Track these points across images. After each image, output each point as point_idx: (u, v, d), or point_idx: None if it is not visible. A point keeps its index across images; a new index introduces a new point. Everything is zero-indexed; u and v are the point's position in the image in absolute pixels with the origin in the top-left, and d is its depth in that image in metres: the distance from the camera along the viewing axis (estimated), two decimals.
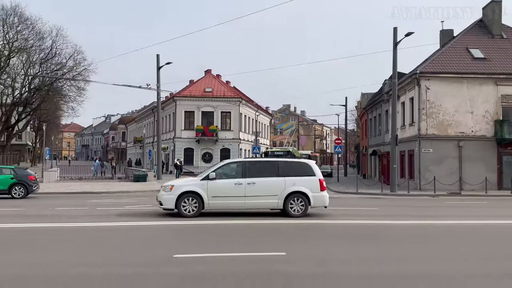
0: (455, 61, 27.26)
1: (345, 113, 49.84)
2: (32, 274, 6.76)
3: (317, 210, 16.24)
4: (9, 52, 41.98)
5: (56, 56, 46.64)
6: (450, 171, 25.74)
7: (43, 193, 22.20)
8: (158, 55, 33.92)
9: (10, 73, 46.15)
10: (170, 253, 8.21)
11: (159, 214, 14.13)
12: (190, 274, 6.84)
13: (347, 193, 25.06)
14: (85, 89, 54.67)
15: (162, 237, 9.98)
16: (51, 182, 28.93)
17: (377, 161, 38.69)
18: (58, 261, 7.52)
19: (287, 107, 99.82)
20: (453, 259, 8.06)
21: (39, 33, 44.64)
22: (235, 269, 7.12)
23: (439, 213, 15.72)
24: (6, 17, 41.32)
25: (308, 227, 11.71)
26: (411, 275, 6.92)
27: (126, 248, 8.71)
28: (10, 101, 49.55)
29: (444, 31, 32.40)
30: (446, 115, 26.13)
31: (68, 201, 18.49)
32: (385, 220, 13.54)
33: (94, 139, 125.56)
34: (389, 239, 10.06)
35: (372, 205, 18.08)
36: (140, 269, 7.08)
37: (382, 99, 35.72)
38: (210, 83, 47.73)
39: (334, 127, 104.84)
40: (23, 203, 17.70)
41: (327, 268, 7.29)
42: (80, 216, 13.55)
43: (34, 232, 10.65)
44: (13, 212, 14.66)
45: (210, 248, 8.72)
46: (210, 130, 43.14)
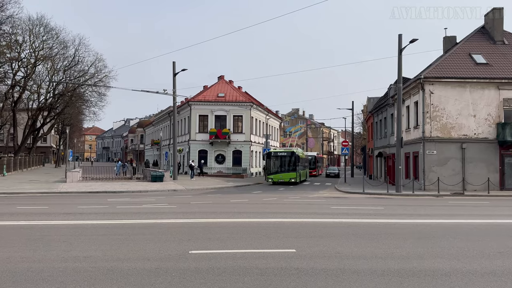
0: (458, 66, 27.01)
1: (351, 116, 49.66)
2: (79, 267, 6.91)
3: (324, 208, 16.22)
4: (35, 60, 42.63)
5: (78, 63, 47.43)
6: (453, 172, 25.49)
7: (67, 192, 22.50)
8: (174, 62, 34.17)
9: (36, 80, 46.93)
10: (186, 249, 8.28)
11: (175, 213, 14.23)
12: (205, 269, 6.88)
13: (354, 193, 24.93)
14: (106, 95, 55.73)
15: (178, 234, 10.05)
16: (74, 182, 29.28)
17: (382, 163, 38.42)
18: (93, 256, 7.68)
19: (296, 111, 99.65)
20: (458, 256, 7.98)
21: (63, 42, 45.43)
22: (248, 265, 7.14)
23: (443, 212, 15.56)
24: (32, 27, 42.02)
25: (315, 225, 11.67)
26: (418, 271, 6.88)
27: (146, 244, 8.79)
28: (36, 106, 50.36)
29: (447, 38, 32.17)
30: (450, 118, 25.90)
31: (90, 200, 18.70)
32: (391, 218, 13.45)
33: (114, 141, 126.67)
34: (395, 237, 9.99)
35: (378, 205, 17.96)
36: (160, 264, 7.17)
37: (388, 103, 35.49)
38: (223, 88, 47.88)
39: (341, 130, 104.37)
40: (47, 201, 17.94)
41: (338, 264, 7.28)
42: (102, 214, 13.70)
43: (63, 229, 10.78)
44: (39, 210, 14.86)
45: (223, 245, 8.76)
46: (223, 133, 43.26)
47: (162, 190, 24.90)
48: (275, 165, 33.48)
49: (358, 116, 68.43)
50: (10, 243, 8.90)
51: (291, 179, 32.53)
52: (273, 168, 33.38)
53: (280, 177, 32.75)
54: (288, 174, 32.73)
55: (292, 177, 32.60)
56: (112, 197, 20.31)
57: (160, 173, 32.01)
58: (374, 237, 9.84)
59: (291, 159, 33.26)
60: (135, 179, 34.32)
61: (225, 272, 6.71)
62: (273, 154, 33.89)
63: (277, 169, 33.28)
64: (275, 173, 33.12)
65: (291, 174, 32.73)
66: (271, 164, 33.53)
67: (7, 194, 21.56)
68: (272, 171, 33.36)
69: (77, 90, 48.81)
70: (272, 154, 33.84)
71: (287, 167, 33.11)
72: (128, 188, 25.04)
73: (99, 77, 48.24)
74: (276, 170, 33.22)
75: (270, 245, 8.78)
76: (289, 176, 32.61)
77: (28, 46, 42.13)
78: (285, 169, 33.12)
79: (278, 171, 33.18)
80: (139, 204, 17.12)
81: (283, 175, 32.80)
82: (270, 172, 33.56)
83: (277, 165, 33.47)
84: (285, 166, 33.24)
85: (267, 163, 34.41)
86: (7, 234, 9.99)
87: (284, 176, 32.68)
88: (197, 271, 6.73)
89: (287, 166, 33.16)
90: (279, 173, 33.03)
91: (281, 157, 33.70)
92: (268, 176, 33.72)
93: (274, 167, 33.41)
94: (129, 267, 6.95)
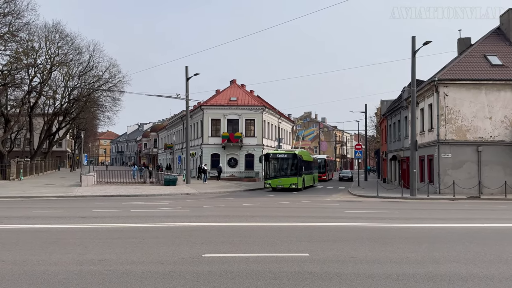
0: (473, 68, 26.65)
1: (365, 119, 49.29)
2: (94, 270, 7.00)
3: (337, 212, 16.11)
4: (50, 66, 43.36)
5: (93, 69, 48.10)
6: (469, 175, 25.10)
7: (82, 196, 22.77)
8: (187, 67, 34.46)
9: (52, 85, 47.73)
10: (200, 252, 8.30)
11: (188, 216, 14.29)
12: (218, 272, 6.89)
13: (367, 197, 24.71)
14: (120, 100, 56.22)
15: (192, 237, 10.08)
16: (88, 186, 29.63)
17: (397, 166, 38.04)
18: (107, 259, 7.76)
19: (308, 114, 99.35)
20: (474, 261, 7.84)
21: (78, 48, 46.17)
22: (261, 269, 7.13)
23: (459, 216, 15.32)
24: (48, 34, 42.78)
25: (329, 229, 11.60)
26: (434, 275, 6.78)
27: (159, 247, 8.84)
28: (52, 111, 51.22)
29: (461, 40, 31.79)
30: (465, 121, 25.54)
31: (104, 203, 18.90)
32: (406, 223, 13.29)
33: (128, 145, 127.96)
34: (410, 241, 9.86)
35: (392, 208, 17.78)
36: (174, 267, 7.20)
37: (401, 106, 35.17)
38: (235, 92, 48.04)
39: (354, 133, 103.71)
40: (62, 205, 18.18)
41: (352, 268, 7.22)
42: (116, 218, 13.82)
43: (78, 232, 10.91)
44: (55, 214, 15.07)
45: (236, 249, 8.76)
46: (235, 137, 43.35)
47: (175, 193, 25.03)
48: (274, 168, 29.61)
49: (372, 119, 67.92)
50: (26, 246, 9.04)
51: (291, 185, 28.54)
52: (271, 172, 29.50)
53: (279, 182, 28.86)
54: (288, 179, 28.76)
55: (292, 182, 28.61)
56: (126, 201, 20.49)
57: (173, 177, 32.21)
58: (388, 242, 9.74)
59: (292, 162, 29.26)
60: (149, 183, 34.60)
61: (239, 275, 6.71)
62: (271, 155, 29.92)
63: (276, 173, 29.43)
64: (274, 177, 29.17)
65: (291, 179, 28.73)
66: (270, 168, 29.68)
67: (23, 197, 21.94)
68: (270, 176, 29.44)
69: (91, 95, 49.49)
70: (271, 156, 29.87)
71: (288, 171, 29.24)
72: (142, 192, 25.24)
73: (113, 82, 48.90)
74: (275, 175, 29.34)
75: (283, 249, 8.75)
76: (289, 182, 28.67)
77: (44, 52, 42.91)
78: (285, 173, 29.24)
79: (277, 175, 29.26)
80: (152, 207, 17.24)
81: (283, 180, 28.85)
82: (268, 176, 29.63)
83: (276, 169, 29.61)
84: (285, 170, 29.37)
85: (265, 166, 30.33)
86: (23, 237, 10.15)
87: (284, 182, 28.76)
88: (211, 275, 6.74)
89: (288, 170, 29.29)
90: (278, 177, 29.07)
91: (280, 159, 29.71)
92: (266, 181, 29.61)
93: (273, 171, 29.55)
94: (143, 270, 7.00)
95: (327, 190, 31.21)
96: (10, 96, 45.58)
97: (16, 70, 40.52)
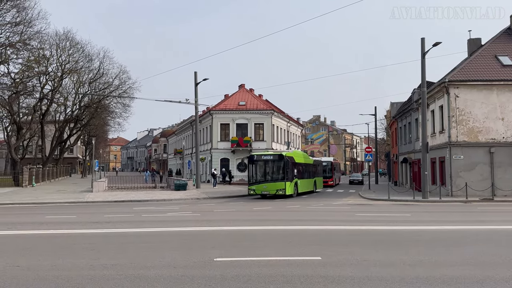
0: (484, 69, 26.37)
1: (374, 122, 49.04)
2: (107, 275, 7.02)
3: (349, 216, 16.00)
4: (61, 74, 43.91)
5: (103, 76, 48.62)
6: (481, 177, 24.77)
7: (93, 202, 22.94)
8: (195, 72, 34.60)
9: (63, 93, 48.32)
10: (211, 256, 8.30)
11: (199, 221, 14.30)
12: (230, 276, 6.87)
13: (379, 200, 24.51)
14: (130, 106, 56.67)
15: (203, 241, 10.08)
16: (100, 192, 29.84)
17: (408, 169, 37.71)
18: (120, 264, 7.80)
19: (317, 118, 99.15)
20: (490, 263, 7.72)
21: (88, 55, 46.73)
22: (273, 273, 7.09)
23: (472, 219, 15.11)
24: (59, 42, 43.37)
25: (340, 233, 11.52)
26: (449, 278, 6.68)
27: (171, 252, 8.86)
28: (63, 118, 51.84)
29: (471, 40, 31.47)
30: (476, 122, 25.25)
31: (116, 209, 19.00)
32: (418, 225, 13.14)
33: (138, 151, 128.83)
34: (423, 244, 9.74)
35: (404, 211, 17.60)
36: (186, 271, 7.20)
37: (412, 108, 34.91)
38: (244, 96, 48.16)
39: (364, 136, 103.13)
40: (74, 211, 18.33)
41: (365, 272, 7.14)
42: (128, 223, 13.88)
43: (91, 238, 10.98)
44: (67, 219, 15.19)
45: (247, 252, 8.74)
46: (245, 141, 43.42)
47: (186, 198, 25.10)
48: (258, 172, 26.30)
49: (381, 122, 67.51)
50: (40, 251, 9.12)
51: (278, 190, 25.01)
52: (256, 177, 26.14)
53: (264, 188, 25.44)
54: (275, 185, 25.20)
55: (279, 188, 25.05)
56: (137, 206, 20.59)
57: (184, 181, 32.32)
58: (401, 245, 9.64)
59: (279, 165, 25.65)
60: (159, 188, 34.75)
61: (251, 279, 6.69)
62: (255, 158, 26.32)
63: (261, 177, 26.10)
64: (258, 182, 25.78)
65: (278, 184, 25.14)
66: (254, 172, 26.26)
67: (36, 204, 22.18)
68: (254, 181, 25.99)
69: (102, 102, 49.96)
70: (255, 158, 26.28)
71: (274, 175, 25.81)
72: (153, 197, 25.35)
73: (123, 89, 49.35)
74: (259, 179, 25.96)
75: (295, 253, 8.70)
76: (275, 187, 25.12)
77: (55, 60, 43.50)
78: (271, 177, 25.79)
79: (262, 180, 25.90)
80: (163, 212, 17.30)
81: (268, 185, 25.37)
82: (252, 181, 26.06)
83: (261, 173, 26.29)
84: (271, 174, 26.00)
85: (249, 169, 26.85)
86: (37, 243, 10.24)
87: (270, 187, 25.28)
88: (223, 279, 6.73)
89: (274, 173, 25.87)
90: (263, 182, 25.67)
91: (266, 162, 26.12)
92: (250, 186, 26.09)
93: (258, 175, 26.22)
94: (156, 275, 7.01)
95: (337, 194, 31.04)
96: (22, 104, 46.23)
97: (28, 78, 41.13)
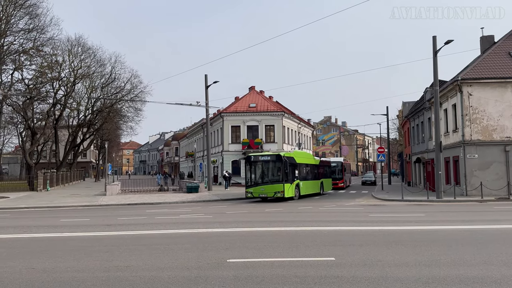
0: (497, 66, 25.98)
1: (386, 122, 48.60)
2: (121, 276, 7.05)
3: (362, 216, 15.86)
4: (74, 79, 44.47)
5: (115, 80, 49.13)
6: (497, 176, 24.38)
7: (107, 205, 23.14)
8: (206, 75, 34.74)
9: (76, 98, 48.94)
10: (224, 257, 8.29)
11: (211, 222, 14.31)
12: (243, 277, 6.85)
13: (392, 201, 24.25)
14: (142, 110, 57.26)
15: (216, 243, 10.08)
16: (113, 195, 30.11)
17: (421, 168, 37.30)
18: (134, 266, 7.83)
19: (328, 119, 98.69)
20: (508, 263, 7.57)
21: (100, 61, 47.29)
22: (286, 273, 7.05)
23: (488, 218, 14.85)
24: (71, 47, 43.97)
25: (354, 233, 11.42)
26: (466, 278, 6.57)
27: (184, 253, 8.87)
28: (76, 122, 52.46)
29: (484, 38, 31.05)
30: (491, 120, 24.87)
31: (129, 212, 19.14)
32: (433, 225, 12.96)
33: (150, 155, 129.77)
34: (438, 244, 9.60)
35: (418, 212, 17.38)
36: (199, 272, 7.21)
37: (424, 107, 34.54)
38: (254, 98, 48.19)
39: (376, 137, 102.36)
40: (88, 214, 18.51)
41: (380, 272, 7.06)
42: (141, 225, 13.97)
43: (105, 240, 11.06)
44: (81, 222, 15.33)
45: (260, 253, 8.71)
46: (255, 143, 43.40)
47: (198, 200, 25.17)
48: (256, 174, 25.06)
49: (393, 122, 66.91)
50: (55, 253, 9.21)
51: (276, 193, 23.70)
52: (253, 179, 24.96)
53: (261, 190, 24.20)
54: (273, 187, 23.90)
55: (277, 190, 23.71)
56: (150, 209, 20.71)
57: (195, 184, 32.44)
58: (416, 245, 9.51)
59: (277, 166, 24.41)
60: (171, 191, 34.91)
61: (264, 280, 6.66)
62: (253, 159, 24.99)
63: (259, 179, 24.88)
64: (255, 185, 24.56)
65: (276, 187, 23.81)
66: (251, 173, 25.07)
67: (51, 207, 22.46)
68: (252, 183, 24.81)
69: (114, 106, 50.47)
70: (252, 159, 25.00)
71: (272, 176, 24.60)
72: (165, 199, 25.47)
73: (135, 93, 49.78)
74: (257, 181, 24.76)
75: (308, 254, 8.65)
76: (273, 189, 23.81)
77: (68, 66, 44.10)
78: (268, 179, 24.57)
79: (259, 182, 24.68)
80: (176, 214, 17.37)
81: (266, 187, 24.10)
82: (249, 183, 24.89)
83: (258, 174, 25.05)
84: (269, 176, 24.78)
85: (246, 171, 25.79)
86: (52, 245, 10.35)
87: (267, 189, 24.00)
88: (236, 279, 6.71)
89: (273, 175, 24.64)
90: (261, 184, 24.43)
91: (263, 163, 24.86)
92: (247, 189, 24.97)
93: (255, 177, 25.01)
94: (169, 276, 7.02)
95: (350, 195, 30.82)
96: (36, 109, 46.98)
97: (41, 83, 41.79)
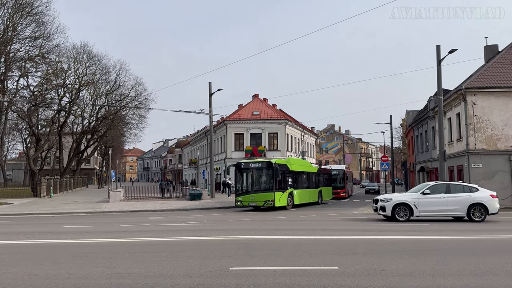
0: (502, 76, 25.96)
1: (390, 130, 48.49)
2: (123, 283, 7.02)
3: (365, 225, 15.77)
4: (79, 86, 44.81)
5: (120, 87, 49.47)
6: (502, 185, 24.22)
7: (110, 212, 23.13)
8: (210, 83, 34.89)
9: (80, 105, 49.29)
10: (227, 265, 8.24)
11: (214, 230, 14.26)
12: (246, 285, 6.80)
13: None
14: (146, 117, 57.46)
15: (218, 250, 10.03)
16: (116, 202, 30.10)
17: (425, 177, 37.14)
18: (136, 273, 7.79)
19: (331, 127, 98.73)
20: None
21: (105, 68, 47.67)
22: (289, 282, 6.99)
23: (493, 228, 14.72)
24: (77, 55, 44.36)
25: (357, 242, 11.34)
26: None
27: (187, 261, 8.83)
28: (80, 129, 52.72)
29: (488, 47, 31.12)
30: (495, 130, 24.79)
31: (132, 218, 19.11)
32: (437, 234, 12.86)
33: (154, 162, 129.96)
34: (443, 253, 9.51)
35: (422, 221, 17.25)
36: (202, 280, 7.16)
37: (428, 116, 34.49)
38: (258, 106, 48.31)
39: (380, 145, 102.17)
40: (91, 220, 18.50)
41: (384, 282, 6.99)
42: (144, 232, 13.93)
43: (107, 247, 11.03)
44: (84, 229, 15.32)
45: (263, 262, 8.65)
46: (259, 151, 43.42)
47: (201, 208, 25.12)
48: (246, 181, 24.38)
49: (397, 130, 66.79)
50: (57, 260, 9.19)
51: (266, 202, 22.89)
52: (243, 186, 24.31)
53: (251, 199, 23.47)
54: (263, 195, 23.10)
55: (267, 199, 22.88)
56: (153, 216, 20.68)
57: (198, 191, 32.40)
58: (420, 254, 9.43)
59: (268, 173, 23.60)
60: (174, 198, 34.89)
61: None
62: (243, 166, 24.36)
63: (249, 187, 24.14)
64: (246, 193, 23.82)
65: (266, 195, 23.00)
66: (242, 181, 24.45)
67: (54, 214, 22.47)
68: (241, 191, 24.14)
69: (118, 113, 50.73)
70: (242, 166, 24.35)
71: (263, 184, 23.74)
72: (168, 207, 25.44)
73: (139, 100, 50.05)
74: (246, 189, 24.07)
75: (311, 262, 8.59)
76: (263, 198, 23.01)
77: (73, 73, 44.47)
78: (259, 187, 23.74)
79: (250, 190, 23.92)
80: (179, 222, 17.33)
81: (255, 196, 23.35)
82: (239, 191, 24.24)
83: (249, 182, 24.33)
84: (259, 184, 23.95)
85: (236, 178, 25.22)
86: (54, 252, 10.33)
87: (257, 198, 23.24)
88: None
89: (263, 183, 23.80)
90: (251, 193, 23.64)
91: (253, 170, 24.13)
92: (237, 197, 24.19)
93: (245, 184, 24.37)
94: (172, 283, 6.98)
95: (353, 204, 30.68)
96: (41, 116, 47.29)
97: (46, 90, 42.09)
